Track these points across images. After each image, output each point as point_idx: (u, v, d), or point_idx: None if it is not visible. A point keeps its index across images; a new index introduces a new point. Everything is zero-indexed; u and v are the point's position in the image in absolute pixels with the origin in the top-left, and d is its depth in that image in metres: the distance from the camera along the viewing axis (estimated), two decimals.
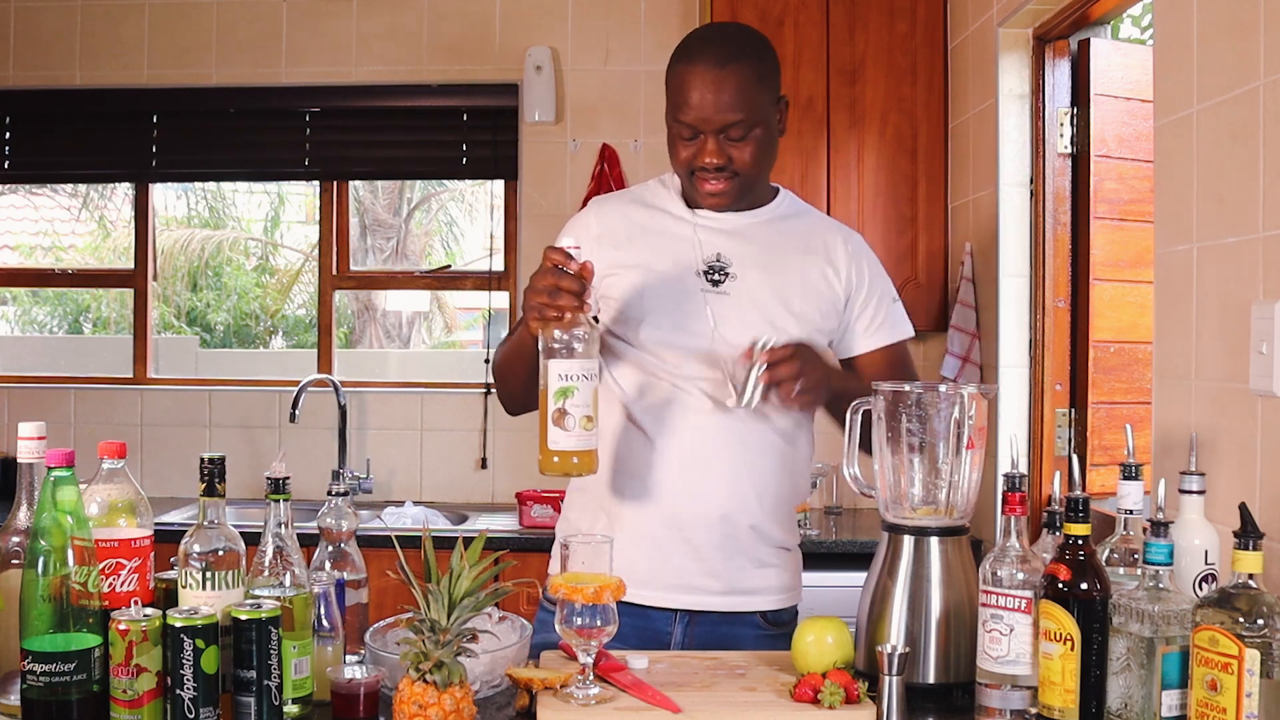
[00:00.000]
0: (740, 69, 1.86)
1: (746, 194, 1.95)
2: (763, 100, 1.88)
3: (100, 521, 1.49)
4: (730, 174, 1.90)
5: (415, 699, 1.40)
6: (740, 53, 1.88)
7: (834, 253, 2.00)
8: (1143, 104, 2.91)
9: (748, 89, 1.85)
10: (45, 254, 6.38)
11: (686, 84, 1.86)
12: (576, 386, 1.65)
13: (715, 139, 1.86)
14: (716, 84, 1.84)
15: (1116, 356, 2.95)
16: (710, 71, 1.85)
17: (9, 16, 3.97)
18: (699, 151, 1.88)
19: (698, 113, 1.85)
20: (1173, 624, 1.41)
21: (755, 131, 1.88)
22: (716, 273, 1.94)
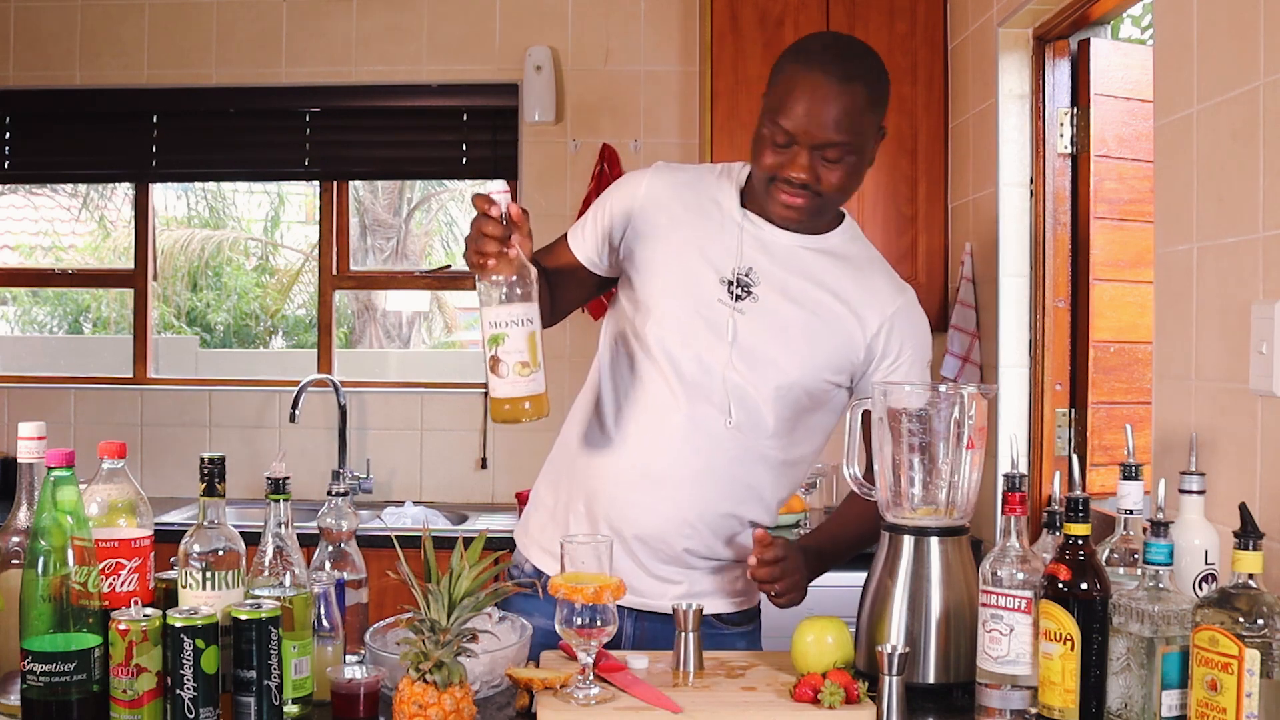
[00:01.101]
0: (857, 90, 1.75)
1: (820, 217, 1.86)
2: (868, 127, 1.79)
3: (100, 521, 1.49)
4: (814, 194, 1.79)
5: (415, 699, 1.40)
6: (861, 73, 1.77)
7: (870, 304, 1.89)
8: (1143, 104, 2.91)
9: (859, 112, 1.75)
10: (45, 254, 6.37)
11: (797, 89, 1.76)
12: (507, 333, 1.62)
13: (810, 154, 1.76)
14: (829, 99, 1.74)
15: (1116, 356, 2.95)
16: (826, 85, 1.74)
17: (9, 16, 3.97)
18: (789, 163, 1.77)
19: (801, 123, 1.75)
20: (1173, 624, 1.41)
21: (851, 158, 1.78)
22: (740, 287, 1.85)
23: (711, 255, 1.87)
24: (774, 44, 3.51)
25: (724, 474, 1.86)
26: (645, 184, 1.92)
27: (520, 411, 1.65)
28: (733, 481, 1.87)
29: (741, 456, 1.86)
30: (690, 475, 1.85)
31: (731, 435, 1.85)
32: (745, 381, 1.84)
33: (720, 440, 1.85)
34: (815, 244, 1.90)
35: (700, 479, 1.85)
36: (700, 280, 1.86)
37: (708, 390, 1.85)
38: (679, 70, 3.90)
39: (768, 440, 1.88)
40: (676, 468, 1.85)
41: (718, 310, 1.85)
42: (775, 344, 1.85)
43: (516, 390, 1.64)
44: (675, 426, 1.85)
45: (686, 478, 1.85)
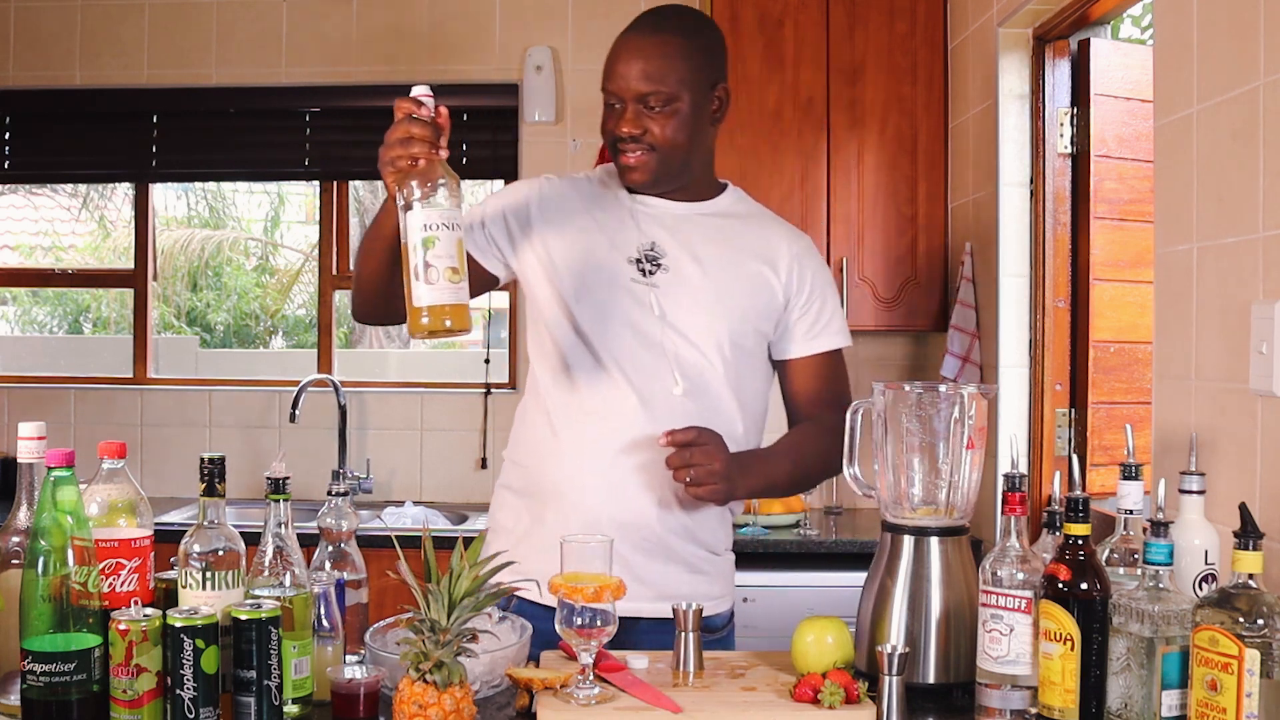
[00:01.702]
0: (667, 39, 1.83)
1: (667, 174, 1.89)
2: (689, 75, 1.84)
3: (100, 521, 1.49)
4: (648, 147, 1.85)
5: (415, 699, 1.40)
6: (671, 25, 1.86)
7: (776, 254, 1.96)
8: (1143, 104, 2.91)
9: (670, 59, 1.82)
10: (45, 254, 6.37)
11: (616, 52, 1.86)
12: (438, 236, 1.56)
13: (633, 108, 1.84)
14: (638, 51, 1.83)
15: (1116, 356, 2.95)
16: (637, 40, 1.85)
17: (9, 16, 3.97)
18: (618, 122, 1.86)
19: (619, 81, 1.84)
20: (1173, 624, 1.41)
21: (676, 105, 1.83)
22: (649, 262, 1.90)
23: (615, 240, 1.92)
24: (774, 44, 3.52)
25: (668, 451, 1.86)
26: (539, 185, 1.99)
27: (440, 323, 1.57)
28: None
29: (698, 422, 1.85)
30: (655, 451, 1.84)
31: (683, 403, 1.87)
32: (683, 348, 1.88)
33: (675, 410, 1.86)
34: (706, 209, 1.97)
35: (665, 452, 1.84)
36: (611, 265, 1.90)
37: (651, 366, 1.87)
38: None
39: (720, 402, 1.91)
40: (640, 448, 1.86)
41: (636, 288, 1.89)
42: (698, 307, 1.90)
43: (445, 297, 1.57)
44: (631, 408, 1.87)
45: (652, 455, 1.85)
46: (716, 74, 1.91)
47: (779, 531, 3.36)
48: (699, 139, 1.90)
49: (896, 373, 3.88)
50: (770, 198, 3.49)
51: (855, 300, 3.52)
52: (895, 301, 3.53)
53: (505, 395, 3.94)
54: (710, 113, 1.91)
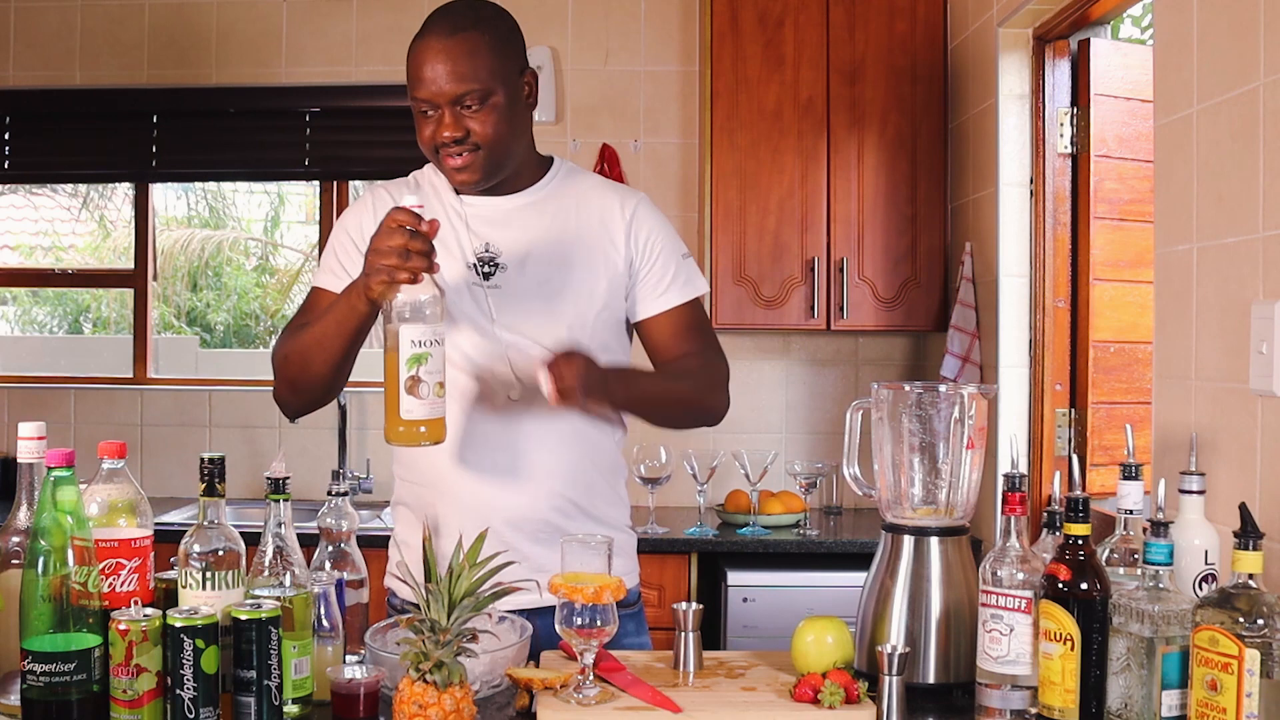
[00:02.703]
0: (469, 37, 1.80)
1: (497, 170, 1.87)
2: (498, 67, 1.82)
3: (100, 521, 1.49)
4: (473, 147, 1.82)
5: (415, 699, 1.40)
6: (468, 22, 1.83)
7: (611, 222, 1.94)
8: (1143, 104, 2.91)
9: (478, 56, 1.80)
10: (45, 254, 6.37)
11: (418, 59, 1.82)
12: (430, 353, 1.59)
13: (451, 111, 1.81)
14: (442, 54, 1.79)
15: (1116, 356, 2.95)
16: (437, 43, 1.80)
17: (9, 16, 3.97)
18: (437, 128, 1.82)
19: (430, 87, 1.80)
20: (1173, 624, 1.41)
21: (493, 100, 1.81)
22: (487, 264, 1.89)
23: (450, 248, 1.89)
24: (774, 44, 3.52)
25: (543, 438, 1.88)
26: (370, 208, 1.94)
27: (417, 435, 1.61)
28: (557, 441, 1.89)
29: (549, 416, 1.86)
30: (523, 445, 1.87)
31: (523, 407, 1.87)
32: (525, 349, 1.87)
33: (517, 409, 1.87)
34: (535, 194, 1.95)
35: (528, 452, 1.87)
36: (452, 275, 1.87)
37: (491, 370, 1.87)
38: (679, 70, 3.90)
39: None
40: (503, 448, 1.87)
41: (477, 292, 1.88)
42: (538, 304, 1.88)
43: (429, 413, 1.61)
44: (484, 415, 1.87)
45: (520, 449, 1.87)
46: (521, 59, 1.90)
47: (779, 531, 3.36)
48: (519, 129, 1.89)
49: (896, 373, 3.88)
50: (770, 198, 3.50)
51: (855, 300, 3.52)
52: (895, 301, 3.53)
53: None
54: (524, 100, 1.89)
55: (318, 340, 1.78)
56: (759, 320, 3.54)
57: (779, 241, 3.52)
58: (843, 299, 3.50)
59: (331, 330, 1.76)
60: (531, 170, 1.97)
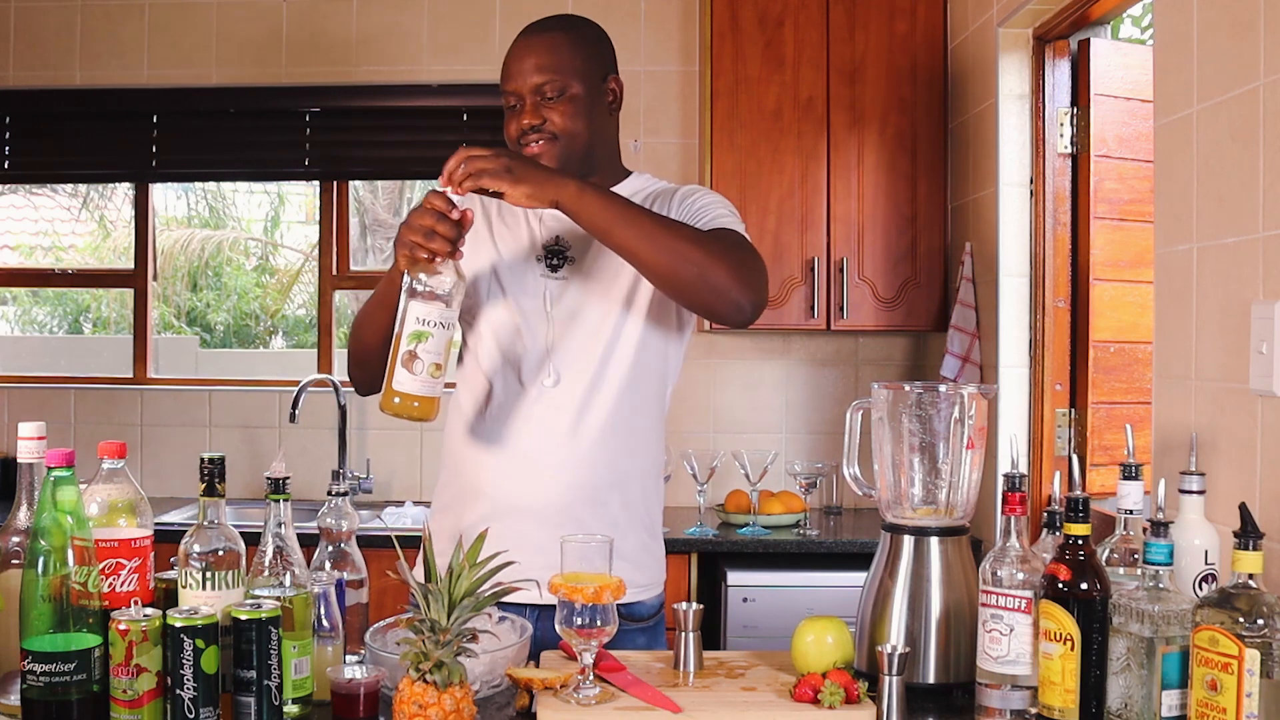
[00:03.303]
0: (554, 36, 1.93)
1: (570, 162, 1.90)
2: (579, 65, 1.91)
3: (100, 521, 1.49)
4: (549, 137, 1.89)
5: (415, 699, 1.40)
6: (556, 25, 1.96)
7: (669, 206, 1.95)
8: (1143, 104, 2.91)
9: (560, 51, 1.91)
10: (45, 254, 6.37)
11: (509, 56, 1.94)
12: (431, 333, 1.64)
13: (531, 102, 1.90)
14: (528, 50, 1.92)
15: (1116, 356, 2.95)
16: (525, 42, 1.94)
17: (9, 16, 3.97)
18: (519, 118, 1.91)
19: (515, 81, 1.91)
20: (1173, 624, 1.41)
21: (571, 92, 1.89)
22: (555, 256, 1.94)
23: (520, 239, 1.96)
24: (774, 44, 3.52)
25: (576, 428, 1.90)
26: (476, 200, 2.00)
27: (410, 409, 1.66)
28: (597, 432, 1.90)
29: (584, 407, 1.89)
30: (551, 443, 1.89)
31: (559, 393, 1.90)
32: (571, 342, 1.91)
33: (553, 401, 1.90)
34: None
35: (564, 441, 1.89)
36: (520, 262, 1.95)
37: (534, 359, 1.91)
38: (679, 70, 3.90)
39: (609, 391, 1.91)
40: (548, 443, 1.89)
41: (536, 285, 1.93)
42: (599, 296, 1.92)
43: (422, 390, 1.66)
44: (527, 403, 1.91)
45: (549, 447, 1.90)
46: (607, 66, 1.98)
47: (779, 531, 3.36)
48: (598, 129, 1.95)
49: (896, 373, 3.88)
50: (770, 198, 3.50)
51: (855, 300, 3.52)
52: (895, 301, 3.53)
53: None
54: (606, 103, 1.97)
55: (368, 312, 1.89)
56: (759, 320, 3.53)
57: (779, 241, 3.52)
58: (843, 299, 3.50)
59: (375, 301, 1.86)
60: (611, 177, 2.00)
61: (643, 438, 1.96)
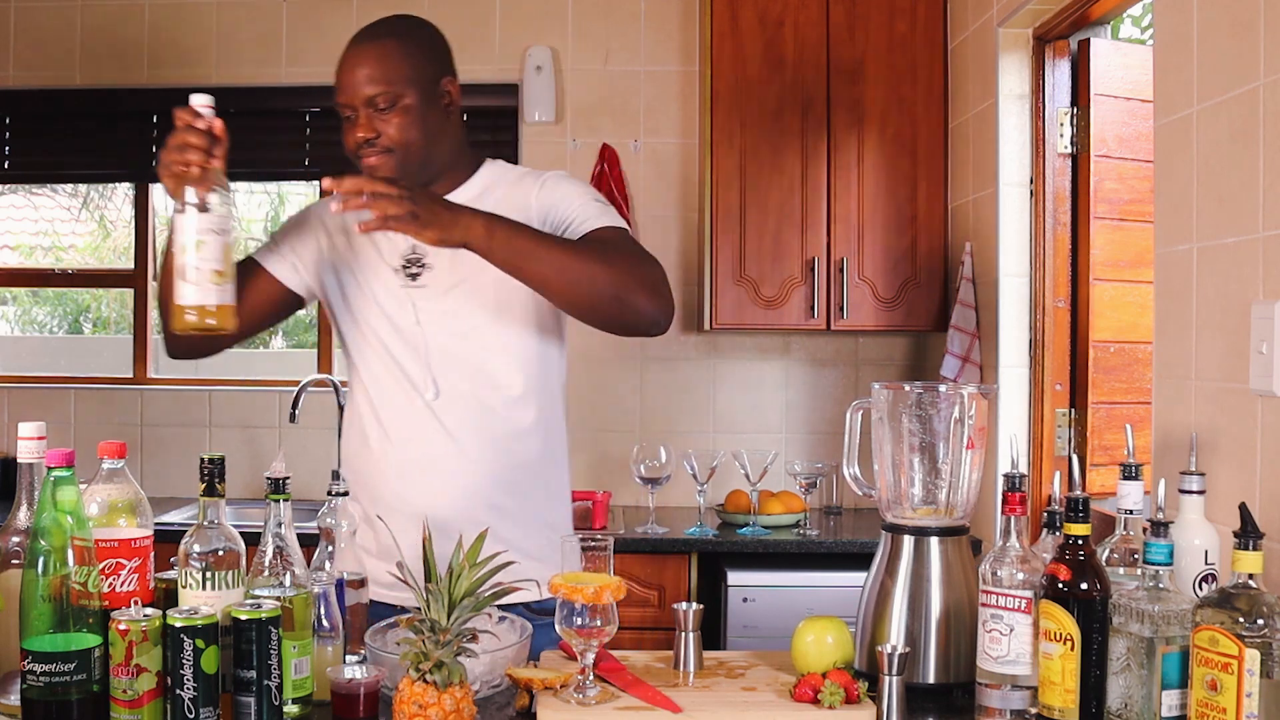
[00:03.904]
0: (383, 44, 1.90)
1: (408, 173, 1.89)
2: (410, 74, 1.89)
3: (100, 521, 1.49)
4: (385, 150, 1.89)
5: (415, 699, 1.40)
6: (384, 31, 1.93)
7: (527, 202, 1.95)
8: (1143, 104, 2.91)
9: (390, 61, 1.88)
10: (45, 254, 6.37)
11: (339, 67, 1.92)
12: (205, 240, 1.64)
13: (365, 113, 1.89)
14: (358, 60, 1.89)
15: (1116, 356, 2.95)
16: (355, 51, 1.91)
17: (9, 16, 3.97)
18: (354, 129, 1.91)
19: (348, 92, 1.89)
20: (1173, 624, 1.41)
21: (404, 102, 1.88)
22: (414, 265, 1.96)
23: (380, 252, 1.98)
24: (774, 44, 3.52)
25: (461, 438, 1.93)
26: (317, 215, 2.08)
27: (204, 322, 1.65)
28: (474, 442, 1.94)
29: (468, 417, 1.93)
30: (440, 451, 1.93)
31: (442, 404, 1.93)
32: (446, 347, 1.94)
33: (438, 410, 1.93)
34: (460, 195, 1.96)
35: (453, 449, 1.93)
36: (380, 277, 1.98)
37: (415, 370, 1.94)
38: (679, 70, 3.90)
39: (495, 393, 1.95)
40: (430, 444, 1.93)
41: (400, 297, 1.96)
42: (464, 298, 1.94)
43: (209, 298, 1.65)
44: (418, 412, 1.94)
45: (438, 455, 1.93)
46: (441, 69, 1.96)
47: (779, 531, 3.36)
48: (435, 135, 1.93)
49: (896, 373, 3.88)
50: (770, 198, 3.50)
51: (855, 300, 3.52)
52: (895, 301, 3.53)
53: None
54: (442, 107, 1.95)
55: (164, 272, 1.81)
56: (759, 320, 3.54)
57: (779, 241, 3.52)
58: (843, 299, 3.50)
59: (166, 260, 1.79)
60: (459, 173, 2.01)
61: (536, 437, 1.99)
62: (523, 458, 1.98)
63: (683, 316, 3.90)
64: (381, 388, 1.97)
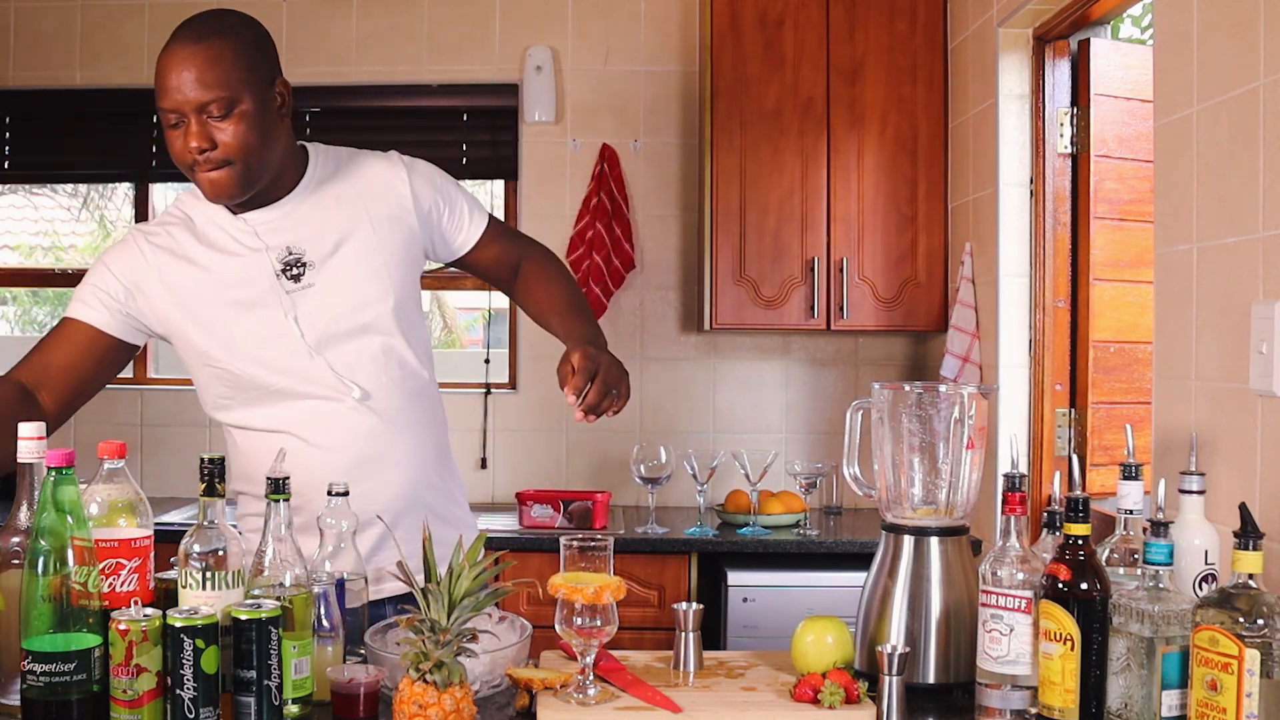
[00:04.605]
0: (213, 44, 1.78)
1: (253, 182, 1.85)
2: (244, 75, 1.80)
3: (100, 521, 1.48)
4: (224, 162, 1.80)
5: (415, 699, 1.40)
6: (212, 30, 1.80)
7: (394, 185, 1.98)
8: (1143, 104, 2.91)
9: (222, 64, 1.77)
10: (45, 254, 6.37)
11: (163, 68, 1.80)
12: None
13: (197, 120, 1.78)
14: (190, 61, 1.77)
15: (1116, 356, 2.95)
16: (181, 52, 1.78)
17: (9, 16, 3.97)
18: (185, 139, 1.80)
19: (175, 96, 1.78)
20: (1173, 624, 1.41)
21: (240, 108, 1.79)
22: (294, 266, 1.89)
23: (250, 267, 1.88)
24: (774, 44, 3.52)
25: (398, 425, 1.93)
26: (142, 254, 1.91)
27: None
28: (408, 426, 1.95)
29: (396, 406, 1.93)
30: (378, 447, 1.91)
31: (366, 406, 1.90)
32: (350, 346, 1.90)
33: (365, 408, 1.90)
34: (309, 186, 1.95)
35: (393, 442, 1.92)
36: (259, 292, 1.87)
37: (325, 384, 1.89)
38: (679, 70, 3.90)
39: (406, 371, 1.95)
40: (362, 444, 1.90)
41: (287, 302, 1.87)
42: (351, 284, 1.90)
43: None
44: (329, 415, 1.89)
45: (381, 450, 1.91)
46: (272, 69, 1.89)
47: (779, 531, 3.36)
48: (273, 139, 1.86)
49: (896, 373, 3.88)
50: (770, 198, 3.50)
51: (855, 300, 3.52)
52: (895, 301, 3.53)
53: (505, 395, 3.94)
54: (276, 109, 1.87)
55: None
56: (759, 320, 3.54)
57: (779, 241, 3.52)
58: (843, 299, 3.50)
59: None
60: (294, 169, 1.95)
61: (440, 411, 2.06)
62: (438, 439, 2.03)
63: (683, 316, 3.90)
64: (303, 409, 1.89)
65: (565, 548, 1.61)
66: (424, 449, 1.97)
